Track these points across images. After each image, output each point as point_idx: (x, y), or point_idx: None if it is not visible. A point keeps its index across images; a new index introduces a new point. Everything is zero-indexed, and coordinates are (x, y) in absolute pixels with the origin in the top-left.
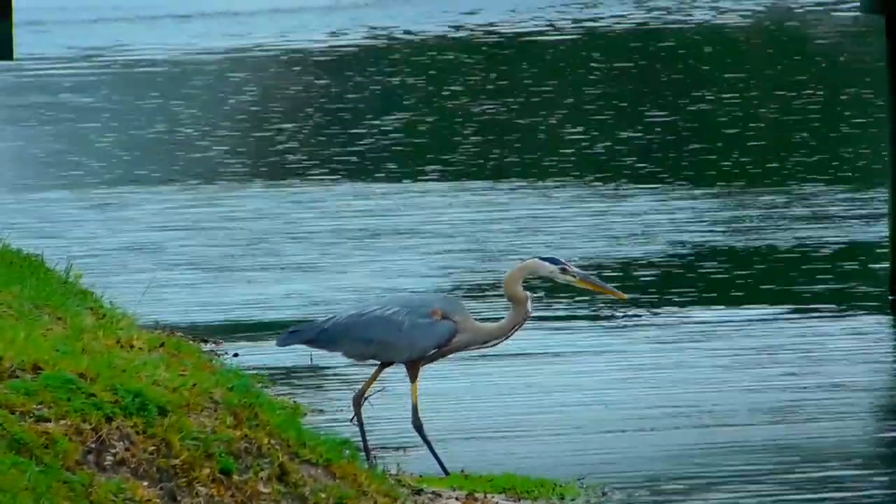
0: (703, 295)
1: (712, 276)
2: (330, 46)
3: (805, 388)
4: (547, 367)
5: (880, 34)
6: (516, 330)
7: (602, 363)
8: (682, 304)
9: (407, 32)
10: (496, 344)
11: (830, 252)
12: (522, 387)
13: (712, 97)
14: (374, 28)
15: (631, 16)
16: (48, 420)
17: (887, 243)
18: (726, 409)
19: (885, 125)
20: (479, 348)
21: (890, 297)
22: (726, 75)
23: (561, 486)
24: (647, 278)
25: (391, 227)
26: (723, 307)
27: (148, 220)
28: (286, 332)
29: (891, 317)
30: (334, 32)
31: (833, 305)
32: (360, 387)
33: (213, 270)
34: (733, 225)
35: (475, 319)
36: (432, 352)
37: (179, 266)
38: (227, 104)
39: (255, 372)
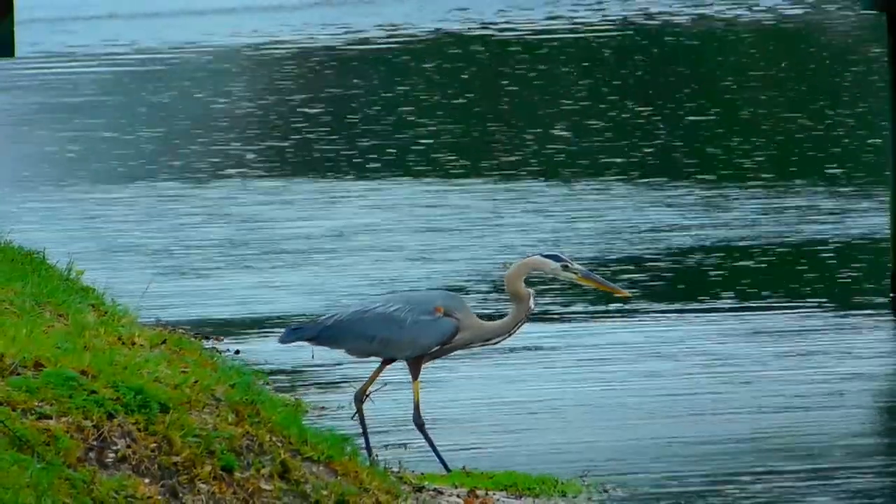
0: (704, 291)
1: (713, 272)
2: (329, 43)
3: (805, 384)
4: (549, 363)
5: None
6: (519, 327)
7: (604, 359)
8: (681, 300)
9: (400, 28)
10: (499, 341)
11: (831, 249)
12: (524, 383)
13: (715, 94)
14: (370, 25)
15: (634, 13)
16: (50, 417)
17: (888, 241)
18: (727, 405)
19: (887, 122)
20: (482, 346)
21: (891, 295)
22: (729, 72)
23: (563, 482)
24: (648, 275)
25: (393, 225)
26: (723, 303)
27: (150, 217)
28: (289, 329)
29: (892, 315)
30: (333, 27)
31: (834, 303)
32: (361, 384)
33: (214, 267)
34: (733, 222)
35: (477, 317)
36: (434, 349)
37: (181, 263)
38: (229, 101)
39: (256, 369)
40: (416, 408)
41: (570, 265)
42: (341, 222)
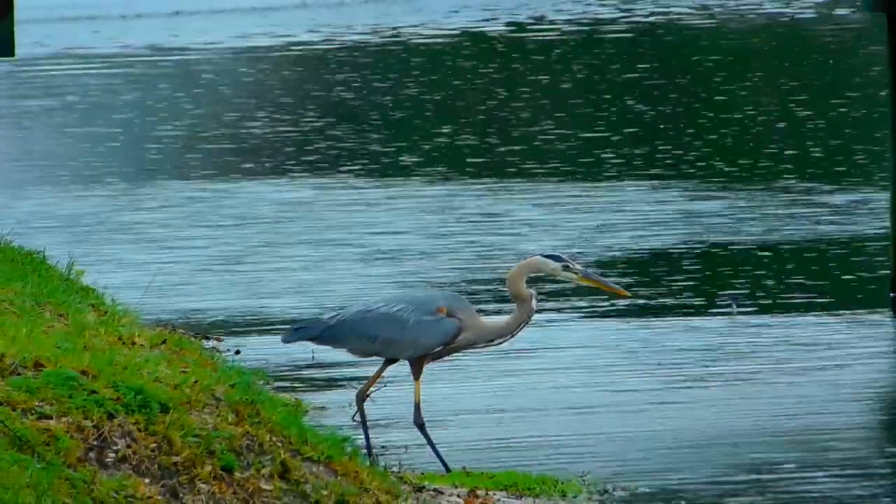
0: (703, 291)
1: (712, 272)
2: (329, 44)
3: (805, 384)
4: (548, 364)
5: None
6: (522, 328)
7: (605, 359)
8: (681, 301)
9: (402, 28)
10: (502, 342)
11: (831, 249)
12: (525, 383)
13: (714, 93)
14: (370, 25)
15: (634, 14)
16: (50, 417)
17: (888, 240)
18: (727, 404)
19: (887, 122)
20: (484, 346)
21: (890, 295)
22: (729, 71)
23: (563, 483)
24: (647, 274)
25: (396, 225)
26: (721, 303)
27: (150, 217)
28: (291, 328)
29: (891, 314)
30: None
31: (834, 303)
32: (363, 383)
33: (215, 267)
34: (733, 222)
35: (481, 317)
36: (437, 349)
37: (181, 263)
38: (230, 100)
39: (256, 369)
40: (417, 407)
41: (570, 265)
42: (343, 222)
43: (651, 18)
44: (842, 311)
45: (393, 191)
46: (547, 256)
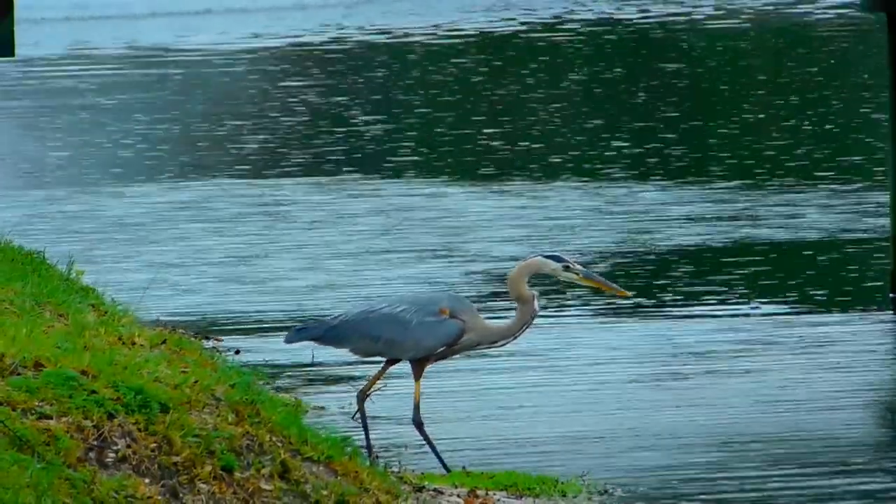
0: (703, 291)
1: (712, 272)
2: (332, 45)
3: (805, 384)
4: (549, 364)
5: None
6: (525, 329)
7: (604, 360)
8: (681, 300)
9: (401, 28)
10: (505, 344)
11: (831, 249)
12: (524, 383)
13: (714, 93)
14: (369, 25)
15: (633, 13)
16: (50, 417)
17: (888, 241)
18: (728, 405)
19: (887, 121)
20: (487, 348)
21: (890, 295)
22: (729, 71)
23: (563, 483)
24: (647, 274)
25: (398, 226)
26: (722, 304)
27: (150, 217)
28: (294, 329)
29: (891, 314)
30: (332, 27)
31: (834, 303)
32: (363, 383)
33: (215, 267)
34: (732, 221)
35: (484, 319)
36: (440, 350)
37: (181, 263)
38: (231, 101)
39: (256, 369)
40: (416, 408)
41: (571, 265)
42: (344, 222)
43: (656, 19)
44: (842, 311)
45: (393, 191)
46: (548, 257)
